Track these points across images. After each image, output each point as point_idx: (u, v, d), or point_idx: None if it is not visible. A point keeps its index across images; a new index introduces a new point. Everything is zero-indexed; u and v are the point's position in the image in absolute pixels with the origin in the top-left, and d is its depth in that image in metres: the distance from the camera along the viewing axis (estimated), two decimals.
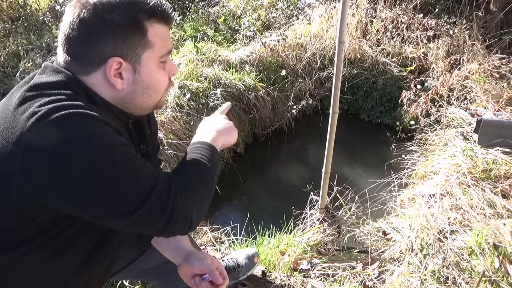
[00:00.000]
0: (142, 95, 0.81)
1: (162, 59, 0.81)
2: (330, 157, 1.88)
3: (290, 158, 3.52)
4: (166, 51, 0.80)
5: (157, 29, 0.77)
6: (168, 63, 0.84)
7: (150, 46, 0.77)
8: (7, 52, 4.24)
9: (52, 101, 0.68)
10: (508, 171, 2.15)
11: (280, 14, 4.35)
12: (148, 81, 0.80)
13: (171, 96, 2.97)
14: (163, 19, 0.78)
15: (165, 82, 0.84)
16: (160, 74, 0.82)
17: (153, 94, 0.83)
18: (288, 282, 1.66)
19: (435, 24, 3.72)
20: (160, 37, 0.78)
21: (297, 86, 3.76)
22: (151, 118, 1.03)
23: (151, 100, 0.84)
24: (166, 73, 0.84)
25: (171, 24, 0.82)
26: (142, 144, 0.96)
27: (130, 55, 0.75)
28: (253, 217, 2.33)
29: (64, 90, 0.72)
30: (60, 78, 0.74)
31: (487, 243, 1.66)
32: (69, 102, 0.68)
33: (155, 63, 0.80)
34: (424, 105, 3.37)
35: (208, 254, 1.07)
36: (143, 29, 0.75)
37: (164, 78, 0.83)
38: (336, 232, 2.07)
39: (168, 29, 0.81)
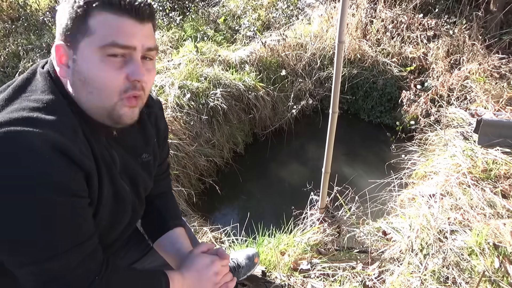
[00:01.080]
0: (82, 90, 0.73)
1: (108, 52, 0.70)
2: (330, 157, 1.88)
3: (290, 158, 3.52)
4: (110, 42, 0.70)
5: (104, 16, 0.70)
6: (131, 64, 0.73)
7: (88, 34, 0.70)
8: (7, 52, 4.25)
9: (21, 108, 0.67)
10: (508, 171, 2.15)
11: (280, 14, 4.35)
12: (85, 72, 0.71)
13: (171, 96, 2.97)
14: (116, 8, 0.70)
15: (112, 82, 0.72)
16: (102, 68, 0.71)
17: (96, 92, 0.73)
18: (288, 282, 1.66)
19: (435, 24, 3.72)
20: (105, 25, 0.70)
21: (297, 86, 3.76)
22: (160, 126, 1.01)
23: (95, 99, 0.73)
24: (121, 72, 0.72)
25: (134, 17, 0.71)
26: (144, 153, 0.94)
27: (71, 41, 0.72)
28: (253, 217, 2.33)
29: (44, 95, 0.71)
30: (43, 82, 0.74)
31: (487, 243, 1.66)
32: (38, 115, 0.66)
33: (96, 54, 0.70)
34: (424, 105, 3.37)
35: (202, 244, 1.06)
36: (84, 15, 0.70)
37: (109, 75, 0.72)
38: (336, 232, 2.07)
39: (128, 21, 0.71)
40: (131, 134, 0.90)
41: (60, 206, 0.66)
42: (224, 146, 3.27)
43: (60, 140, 0.65)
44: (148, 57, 0.78)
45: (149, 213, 1.08)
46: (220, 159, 3.21)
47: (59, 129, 0.67)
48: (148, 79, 0.78)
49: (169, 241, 1.05)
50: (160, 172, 1.10)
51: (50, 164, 0.64)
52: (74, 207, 0.68)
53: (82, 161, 0.68)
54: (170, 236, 1.04)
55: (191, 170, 2.87)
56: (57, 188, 0.65)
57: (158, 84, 3.09)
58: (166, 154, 1.12)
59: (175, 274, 0.87)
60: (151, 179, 1.00)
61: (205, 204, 2.85)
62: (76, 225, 0.69)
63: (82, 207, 0.70)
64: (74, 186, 0.67)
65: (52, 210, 0.65)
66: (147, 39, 0.75)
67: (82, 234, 0.71)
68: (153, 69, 0.80)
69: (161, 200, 1.12)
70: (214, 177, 3.09)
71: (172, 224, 1.06)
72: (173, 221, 1.08)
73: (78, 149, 0.68)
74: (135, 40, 0.72)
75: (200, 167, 2.98)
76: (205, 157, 3.01)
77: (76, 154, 0.67)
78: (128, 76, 0.73)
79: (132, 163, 0.91)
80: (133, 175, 0.91)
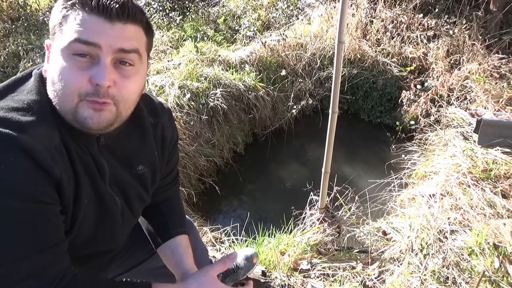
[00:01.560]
0: (51, 88, 0.71)
1: (73, 49, 0.67)
2: (330, 157, 1.88)
3: (290, 158, 3.52)
4: (74, 38, 0.67)
5: (77, 15, 0.68)
6: (96, 66, 0.68)
7: (60, 30, 0.69)
8: (7, 52, 4.25)
9: (1, 107, 0.66)
10: (508, 171, 2.15)
11: (280, 14, 4.35)
12: (53, 69, 0.69)
13: (171, 96, 2.97)
14: (87, 7, 0.68)
15: (73, 82, 0.68)
16: (65, 67, 0.68)
17: (59, 91, 0.69)
18: (288, 282, 1.66)
19: (435, 24, 3.72)
20: (73, 24, 0.67)
21: (297, 86, 3.76)
22: (167, 135, 0.96)
23: (59, 100, 0.70)
24: (84, 73, 0.68)
25: (105, 17, 0.68)
26: (140, 164, 0.89)
27: (51, 38, 0.72)
28: (253, 217, 2.34)
29: (29, 96, 0.70)
30: (32, 83, 0.73)
31: (487, 243, 1.66)
32: (12, 116, 0.64)
33: (63, 52, 0.68)
34: (424, 105, 3.37)
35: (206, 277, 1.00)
36: (63, 16, 0.69)
37: (71, 75, 0.68)
38: (336, 232, 2.07)
39: (97, 20, 0.68)
40: (128, 143, 0.86)
41: (18, 212, 0.63)
42: (224, 146, 3.27)
43: (29, 144, 0.63)
44: (127, 61, 0.72)
45: (153, 216, 1.06)
46: (220, 159, 3.21)
47: (32, 133, 0.64)
48: (122, 85, 0.71)
49: (170, 250, 1.02)
50: (167, 182, 1.07)
51: (14, 167, 0.62)
52: (35, 214, 0.65)
53: (51, 167, 0.66)
54: (171, 245, 1.02)
55: (191, 170, 2.88)
56: (17, 193, 0.62)
57: (158, 84, 3.09)
58: (174, 163, 1.07)
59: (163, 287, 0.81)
60: (147, 193, 0.95)
61: (205, 204, 2.85)
62: (38, 232, 0.66)
63: (45, 213, 0.67)
64: (38, 192, 0.65)
65: (8, 216, 0.62)
66: (119, 39, 0.69)
67: (46, 242, 0.68)
68: (134, 75, 0.73)
69: (166, 205, 1.09)
70: (214, 177, 3.09)
71: (175, 232, 1.04)
72: (175, 229, 1.05)
73: (49, 154, 0.66)
74: (99, 38, 0.67)
75: (200, 167, 2.98)
76: (205, 157, 3.01)
77: (45, 159, 0.65)
78: (91, 78, 0.68)
79: (123, 173, 0.87)
80: (123, 186, 0.87)
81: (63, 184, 0.69)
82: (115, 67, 0.71)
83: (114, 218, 0.85)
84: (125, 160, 0.87)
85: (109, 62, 0.69)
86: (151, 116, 0.91)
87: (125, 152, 0.86)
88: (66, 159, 0.71)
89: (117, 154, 0.84)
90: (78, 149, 0.74)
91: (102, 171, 0.79)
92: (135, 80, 0.74)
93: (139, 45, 0.73)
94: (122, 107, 0.73)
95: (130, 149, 0.87)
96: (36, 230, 0.66)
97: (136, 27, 0.72)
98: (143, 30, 0.74)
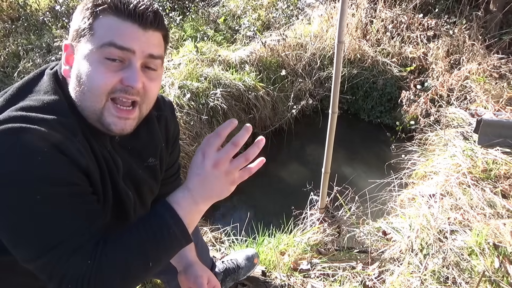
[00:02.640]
0: (77, 89, 0.74)
1: (106, 53, 0.70)
2: (330, 157, 1.88)
3: (290, 158, 3.52)
4: (107, 41, 0.70)
5: (108, 20, 0.71)
6: (128, 69, 0.72)
7: (90, 34, 0.71)
8: (7, 52, 4.25)
9: (21, 108, 0.69)
10: (508, 171, 2.15)
11: (280, 14, 4.35)
12: (81, 72, 0.72)
13: (171, 96, 2.97)
14: (121, 13, 0.71)
15: (105, 82, 0.71)
16: (98, 69, 0.71)
17: (87, 93, 0.72)
18: (288, 282, 1.66)
19: (435, 24, 3.73)
20: (106, 27, 0.71)
21: (297, 86, 3.76)
22: (170, 127, 1.00)
23: (86, 100, 0.73)
24: (116, 74, 0.72)
25: (138, 23, 0.72)
26: (150, 157, 0.94)
27: (75, 39, 0.74)
28: (253, 217, 2.33)
29: (47, 95, 0.72)
30: (47, 82, 0.75)
31: (487, 243, 1.66)
32: (36, 114, 0.67)
33: (94, 54, 0.71)
34: (424, 105, 3.37)
35: (206, 271, 1.05)
36: (91, 18, 0.72)
37: (103, 76, 0.71)
38: (336, 232, 2.07)
39: (131, 26, 0.71)
40: (138, 138, 0.89)
41: (59, 197, 0.66)
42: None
43: (57, 137, 0.66)
44: (151, 66, 0.76)
45: None
46: None
47: (57, 128, 0.68)
48: (149, 87, 0.76)
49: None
50: (169, 174, 1.10)
51: (47, 160, 0.65)
52: (76, 195, 0.69)
53: (79, 160, 0.69)
54: None
55: None
56: (55, 179, 0.66)
57: None
58: (177, 156, 1.11)
59: (178, 194, 0.72)
60: (158, 184, 0.99)
61: None
62: (79, 211, 0.69)
63: (82, 193, 0.71)
64: (72, 176, 0.68)
65: (53, 201, 0.66)
66: (150, 45, 0.74)
67: (88, 219, 0.71)
68: (156, 79, 0.78)
69: None
70: None
71: None
72: None
73: (75, 148, 0.69)
74: (134, 44, 0.71)
75: None
76: None
77: (72, 152, 0.68)
78: (122, 80, 0.72)
79: (136, 167, 0.90)
80: (136, 180, 0.90)
81: (91, 173, 0.73)
82: (142, 71, 0.75)
83: (127, 212, 0.88)
84: (137, 154, 0.91)
85: (139, 66, 0.73)
86: (155, 109, 0.94)
87: (136, 146, 0.90)
88: (90, 151, 0.74)
89: (128, 149, 0.88)
90: (97, 145, 0.77)
91: (117, 166, 0.83)
92: (157, 84, 0.80)
93: (163, 52, 0.79)
94: (145, 108, 0.79)
95: (140, 143, 0.91)
96: (76, 210, 0.69)
97: (160, 35, 0.77)
98: (163, 38, 0.79)
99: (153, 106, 0.92)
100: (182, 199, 0.71)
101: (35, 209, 0.64)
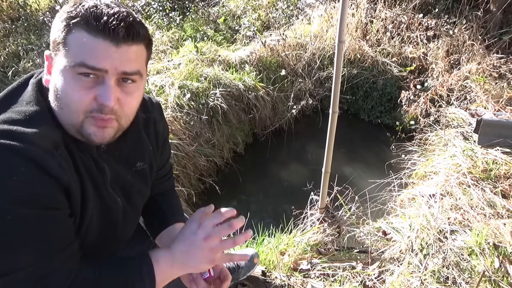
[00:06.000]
0: (55, 104, 0.72)
1: (78, 71, 0.68)
2: (330, 157, 1.88)
3: (290, 158, 3.52)
4: (79, 61, 0.67)
5: (81, 36, 0.68)
6: (101, 86, 0.70)
7: (64, 50, 0.69)
8: (7, 52, 4.25)
9: (3, 121, 0.68)
10: (508, 171, 2.15)
11: (280, 14, 4.35)
12: (57, 84, 0.71)
13: (171, 96, 2.97)
14: (92, 29, 0.68)
15: (79, 100, 0.70)
16: (71, 86, 0.69)
17: (64, 108, 0.71)
18: (288, 282, 1.66)
19: (435, 24, 3.73)
20: (78, 44, 0.68)
21: (297, 86, 3.76)
22: (159, 128, 1.00)
23: (65, 115, 0.72)
24: (90, 92, 0.70)
25: (110, 40, 0.68)
26: (138, 161, 0.93)
27: (53, 52, 0.73)
28: (253, 217, 2.33)
29: (29, 106, 0.72)
30: (30, 92, 0.74)
31: (487, 243, 1.66)
32: (17, 128, 0.66)
33: (68, 71, 0.69)
34: (424, 105, 3.37)
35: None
36: (66, 30, 0.69)
37: (77, 94, 0.69)
38: (336, 232, 2.07)
39: (102, 43, 0.68)
40: (124, 143, 0.87)
41: (33, 219, 0.65)
42: (224, 146, 3.27)
43: (37, 154, 0.65)
44: (130, 79, 0.74)
45: (150, 209, 1.07)
46: (220, 159, 3.21)
47: (37, 143, 0.66)
48: (125, 102, 0.74)
49: (168, 236, 1.03)
50: (162, 174, 1.10)
51: (25, 177, 0.64)
52: (50, 219, 0.68)
53: (60, 174, 0.68)
54: (170, 231, 1.03)
55: (191, 170, 2.88)
56: (30, 201, 0.65)
57: (158, 84, 3.09)
58: (167, 157, 1.10)
59: (160, 253, 0.79)
60: (148, 187, 0.99)
61: (205, 204, 2.81)
62: (52, 235, 0.69)
63: (59, 218, 0.70)
64: (49, 199, 0.67)
65: (24, 224, 0.65)
66: (123, 62, 0.70)
67: (60, 243, 0.71)
68: (135, 91, 0.76)
69: (163, 197, 1.12)
70: (214, 177, 3.09)
71: (173, 220, 1.06)
72: (173, 217, 1.07)
73: (56, 162, 0.68)
74: (105, 63, 0.69)
75: (200, 167, 2.98)
76: (205, 157, 3.01)
77: (53, 167, 0.67)
78: (96, 97, 0.71)
79: (124, 173, 0.89)
80: (125, 186, 0.90)
81: (71, 189, 0.71)
82: (118, 84, 0.73)
83: (115, 218, 0.87)
84: (124, 159, 0.89)
85: (113, 82, 0.71)
86: (143, 111, 0.93)
87: (123, 152, 0.88)
88: (71, 164, 0.73)
89: (115, 155, 0.87)
90: (80, 154, 0.76)
91: (103, 174, 0.82)
92: (136, 96, 0.77)
93: (141, 65, 0.75)
94: (124, 121, 0.77)
95: (127, 148, 0.89)
96: (52, 234, 0.69)
97: (139, 46, 0.74)
98: (145, 46, 0.76)
99: (142, 109, 0.92)
100: (162, 258, 0.78)
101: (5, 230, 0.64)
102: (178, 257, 0.78)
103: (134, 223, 1.00)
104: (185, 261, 0.78)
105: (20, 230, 0.65)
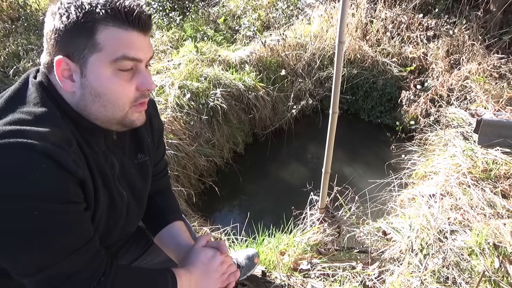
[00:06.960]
0: (94, 104, 0.75)
1: (119, 66, 0.72)
2: (330, 157, 1.88)
3: (290, 158, 3.52)
4: (120, 56, 0.71)
5: (112, 32, 0.70)
6: (139, 75, 0.76)
7: (98, 49, 0.71)
8: (7, 52, 4.25)
9: (13, 122, 0.67)
10: (508, 171, 2.15)
11: (280, 14, 4.35)
12: (97, 88, 0.73)
13: (171, 96, 2.97)
14: (123, 23, 0.71)
15: (125, 94, 0.76)
16: (114, 82, 0.73)
17: (108, 105, 0.75)
18: (288, 282, 1.66)
19: (435, 24, 3.73)
20: (113, 41, 0.71)
21: (297, 86, 3.76)
22: (154, 124, 1.02)
23: (108, 111, 0.76)
24: (131, 83, 0.76)
25: (139, 30, 0.73)
26: (139, 153, 0.95)
27: (77, 56, 0.72)
28: (253, 217, 2.33)
29: (37, 107, 0.71)
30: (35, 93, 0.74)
31: (487, 243, 1.66)
32: (30, 128, 0.66)
33: (107, 68, 0.72)
34: (424, 105, 3.37)
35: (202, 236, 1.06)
36: (90, 30, 0.70)
37: (122, 88, 0.75)
38: (336, 232, 2.07)
39: (135, 34, 0.73)
40: (125, 136, 0.91)
41: (59, 214, 0.67)
42: (224, 146, 3.27)
43: (53, 151, 0.66)
44: (148, 65, 0.81)
45: (148, 207, 1.08)
46: (220, 159, 3.21)
47: (52, 140, 0.67)
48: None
49: (169, 235, 1.05)
50: (157, 171, 1.11)
51: (46, 174, 0.64)
52: (73, 213, 0.70)
53: (75, 170, 0.69)
54: (170, 230, 1.05)
55: (191, 170, 2.88)
56: (54, 197, 0.66)
57: (158, 84, 3.09)
58: (162, 152, 1.12)
59: (182, 271, 0.89)
60: (149, 180, 1.01)
61: (205, 204, 2.84)
62: (76, 229, 0.71)
63: (79, 212, 0.72)
64: (70, 193, 0.69)
65: (52, 218, 0.66)
66: (150, 49, 0.78)
67: (84, 238, 0.72)
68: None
69: (160, 195, 1.13)
70: (214, 177, 3.09)
71: (172, 218, 1.07)
72: (172, 215, 1.08)
73: (71, 158, 0.69)
74: (141, 53, 0.75)
75: (200, 167, 2.98)
76: (205, 157, 3.01)
77: (69, 163, 0.68)
78: (138, 86, 0.77)
79: (129, 165, 0.92)
80: (130, 178, 0.91)
81: (86, 184, 0.73)
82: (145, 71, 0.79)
83: (120, 213, 0.88)
84: (128, 151, 0.92)
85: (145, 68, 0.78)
86: None
87: (126, 143, 0.92)
88: (84, 160, 0.75)
89: (120, 147, 0.90)
90: (90, 151, 0.78)
91: (112, 168, 0.84)
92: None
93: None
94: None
95: (129, 140, 0.93)
96: (78, 226, 0.71)
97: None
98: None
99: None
100: (184, 275, 0.88)
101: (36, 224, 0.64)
102: (196, 277, 0.90)
103: (138, 215, 1.01)
104: (202, 281, 0.91)
105: (49, 225, 0.66)
